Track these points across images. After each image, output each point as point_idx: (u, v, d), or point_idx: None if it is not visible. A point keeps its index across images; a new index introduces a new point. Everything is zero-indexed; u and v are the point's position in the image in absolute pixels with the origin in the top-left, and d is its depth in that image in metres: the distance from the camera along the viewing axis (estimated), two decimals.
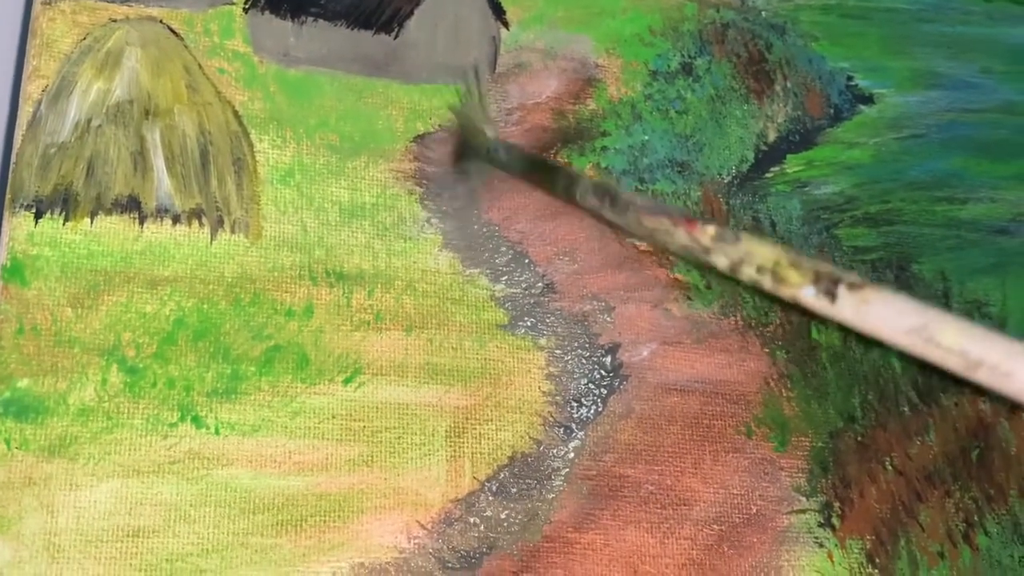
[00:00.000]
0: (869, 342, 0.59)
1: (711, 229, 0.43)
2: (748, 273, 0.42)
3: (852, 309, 0.39)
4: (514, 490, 0.51)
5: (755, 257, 0.42)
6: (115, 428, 0.48)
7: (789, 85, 0.65)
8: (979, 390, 0.56)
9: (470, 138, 0.56)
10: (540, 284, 0.56)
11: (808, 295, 0.40)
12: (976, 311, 0.62)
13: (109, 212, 0.51)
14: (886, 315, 0.38)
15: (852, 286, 0.39)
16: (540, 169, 0.55)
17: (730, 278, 0.43)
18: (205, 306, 0.51)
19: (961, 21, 0.70)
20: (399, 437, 0.51)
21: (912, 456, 0.58)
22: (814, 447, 0.57)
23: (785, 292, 0.41)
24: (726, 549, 0.53)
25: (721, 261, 0.43)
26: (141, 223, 0.51)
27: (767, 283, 0.42)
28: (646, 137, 0.61)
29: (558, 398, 0.54)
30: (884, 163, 0.65)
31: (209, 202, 0.52)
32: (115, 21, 0.54)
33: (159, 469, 0.48)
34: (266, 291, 0.52)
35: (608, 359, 0.56)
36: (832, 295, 0.39)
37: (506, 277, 0.56)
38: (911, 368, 0.59)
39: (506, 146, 0.56)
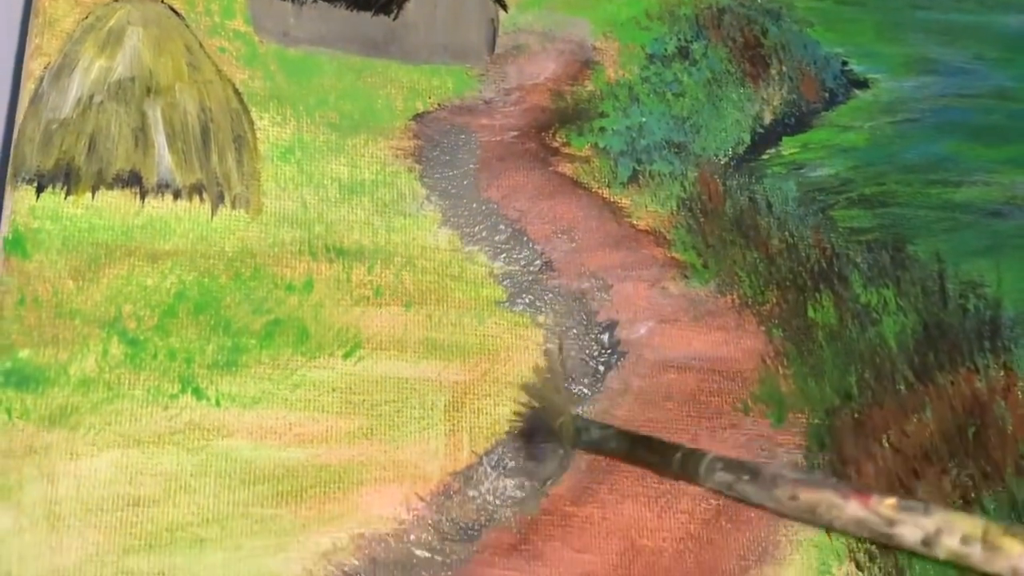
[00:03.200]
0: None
1: (891, 500, 0.39)
2: (948, 545, 0.38)
3: None
4: (512, 464, 0.52)
5: (958, 527, 0.38)
6: (116, 399, 0.48)
7: (784, 69, 0.66)
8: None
9: (548, 418, 0.52)
10: (538, 262, 0.57)
11: None
12: (971, 292, 0.63)
13: (110, 187, 0.51)
14: None
15: None
16: (645, 447, 0.51)
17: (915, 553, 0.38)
18: (206, 280, 0.51)
19: (954, 8, 0.71)
20: (398, 411, 0.51)
21: (909, 434, 0.58)
22: (811, 424, 0.57)
23: (1000, 564, 0.37)
24: (724, 523, 0.53)
25: (910, 533, 0.39)
26: (142, 198, 0.52)
27: (975, 555, 0.38)
28: (643, 119, 0.61)
29: None
30: (879, 146, 0.65)
31: (210, 178, 0.53)
32: (117, 0, 0.55)
33: (159, 440, 0.48)
34: (266, 266, 0.52)
35: (606, 336, 0.56)
36: None
37: (504, 254, 0.56)
38: (907, 347, 0.60)
39: (599, 425, 0.52)
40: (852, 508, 0.39)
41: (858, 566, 0.54)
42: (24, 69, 0.53)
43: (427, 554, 0.49)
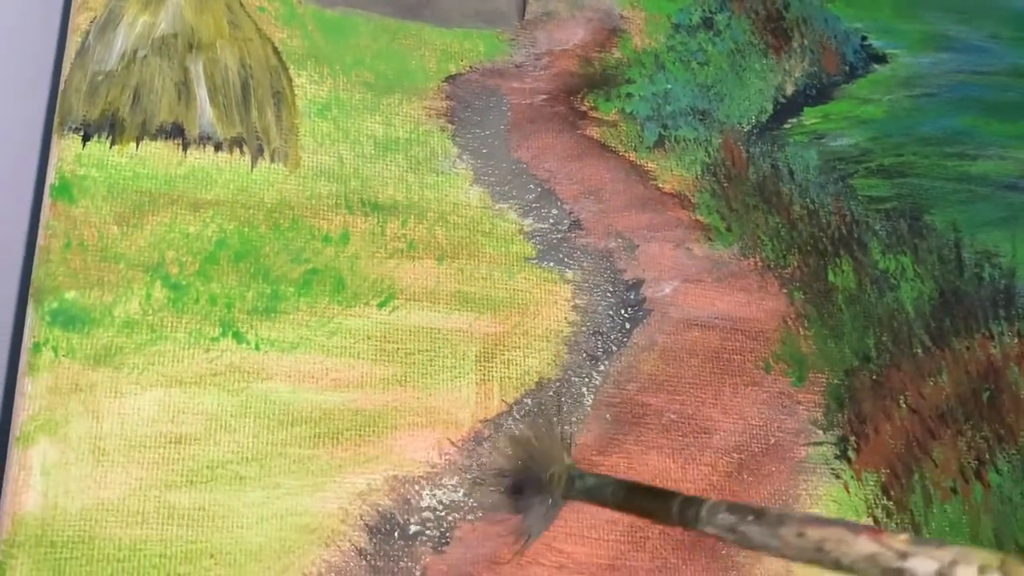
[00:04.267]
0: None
1: (904, 535, 0.39)
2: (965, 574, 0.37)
3: None
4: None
5: (975, 557, 0.37)
6: (159, 340, 0.49)
7: (806, 42, 0.67)
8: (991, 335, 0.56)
9: (539, 469, 0.50)
10: (567, 221, 0.58)
11: None
12: (987, 261, 0.64)
13: (154, 137, 0.53)
14: None
15: None
16: (642, 494, 0.49)
17: None
18: (246, 229, 0.52)
19: None
20: (431, 359, 0.53)
21: (925, 395, 0.59)
22: (830, 383, 0.58)
23: None
24: (746, 476, 0.55)
25: (924, 565, 0.38)
26: (184, 149, 0.53)
27: None
28: (669, 86, 0.63)
29: (584, 328, 0.56)
30: (897, 119, 0.67)
31: (250, 131, 0.54)
32: None
33: (201, 380, 0.49)
34: (304, 217, 0.54)
35: (632, 294, 0.57)
36: None
37: (534, 213, 0.58)
38: (924, 312, 0.61)
39: (594, 475, 0.50)
40: (862, 543, 0.40)
41: (876, 521, 0.55)
42: (71, 22, 0.54)
43: (458, 497, 0.50)
